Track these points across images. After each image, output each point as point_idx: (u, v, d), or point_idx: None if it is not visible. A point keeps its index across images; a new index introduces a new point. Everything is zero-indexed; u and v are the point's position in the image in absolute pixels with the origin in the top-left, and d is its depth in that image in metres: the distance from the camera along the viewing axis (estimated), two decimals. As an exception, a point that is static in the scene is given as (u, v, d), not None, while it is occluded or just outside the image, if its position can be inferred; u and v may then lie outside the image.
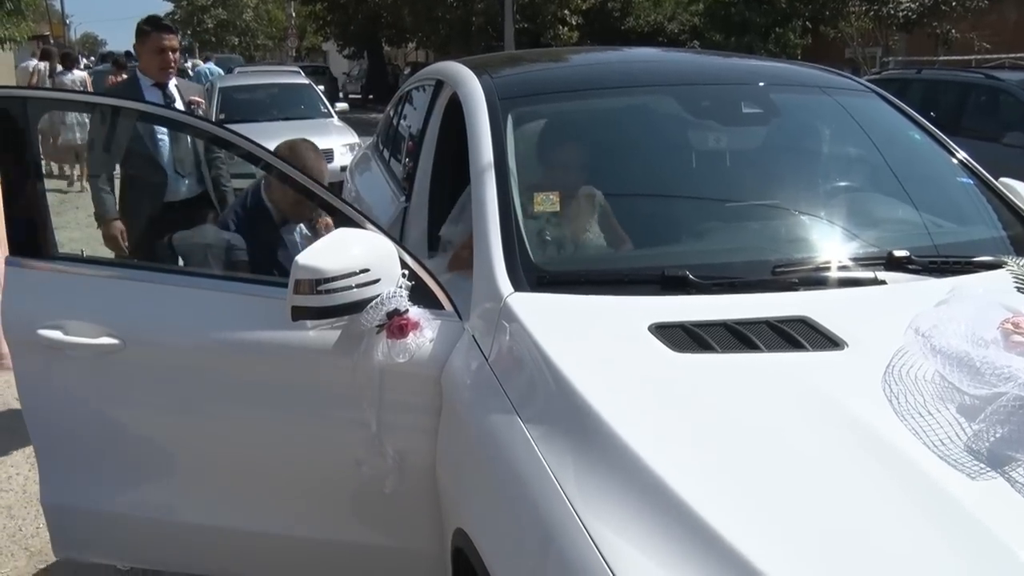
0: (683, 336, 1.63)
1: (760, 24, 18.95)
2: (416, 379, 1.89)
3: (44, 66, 12.15)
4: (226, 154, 3.73)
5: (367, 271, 1.85)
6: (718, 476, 1.30)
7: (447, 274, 2.24)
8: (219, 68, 18.64)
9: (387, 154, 4.04)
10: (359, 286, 1.84)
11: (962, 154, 2.49)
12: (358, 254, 1.86)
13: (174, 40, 3.83)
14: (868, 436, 1.35)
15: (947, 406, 1.40)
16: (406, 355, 1.86)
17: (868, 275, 1.92)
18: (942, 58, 15.47)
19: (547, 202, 2.14)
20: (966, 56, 15.18)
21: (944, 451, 1.31)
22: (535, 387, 1.61)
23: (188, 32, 46.52)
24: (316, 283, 1.81)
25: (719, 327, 1.65)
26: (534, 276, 1.89)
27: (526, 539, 1.40)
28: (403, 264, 1.93)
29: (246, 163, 2.18)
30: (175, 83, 3.88)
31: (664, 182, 2.40)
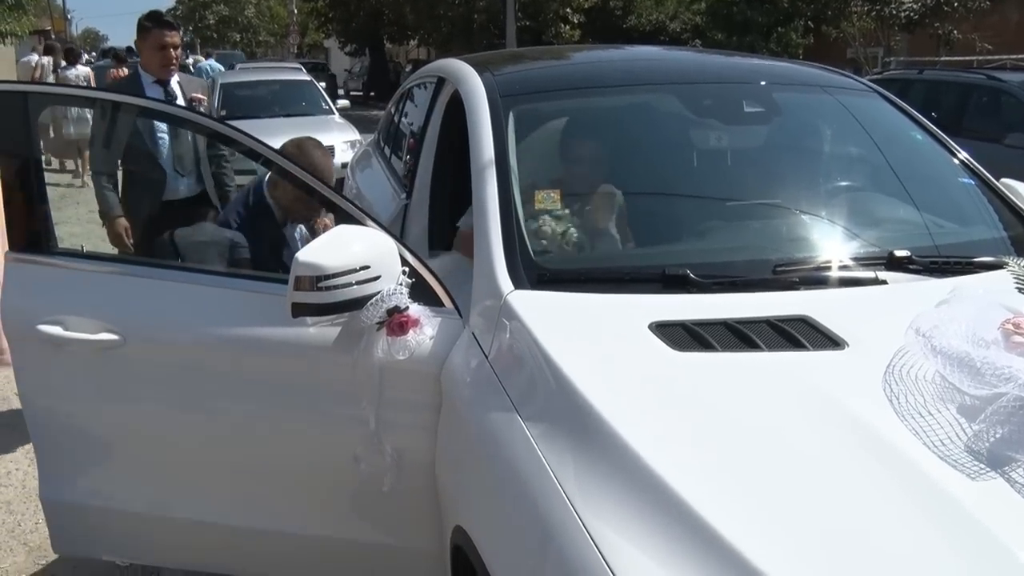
0: (684, 335, 1.63)
1: (762, 23, 18.96)
2: (416, 376, 1.89)
3: (47, 61, 12.13)
4: (229, 152, 3.73)
5: (367, 268, 1.85)
6: (718, 475, 1.30)
7: (455, 254, 2.23)
8: (220, 64, 18.62)
9: (388, 151, 4.03)
10: (359, 283, 1.84)
11: (963, 154, 2.48)
12: (358, 251, 1.85)
13: (176, 37, 3.80)
14: (868, 436, 1.35)
15: (947, 406, 1.40)
16: (406, 352, 1.86)
17: (869, 275, 1.92)
18: (944, 59, 15.46)
19: (548, 200, 2.14)
20: (968, 57, 15.18)
21: (944, 451, 1.31)
22: (535, 385, 1.60)
23: (190, 28, 46.51)
24: (316, 280, 1.81)
25: (720, 326, 1.65)
26: (534, 274, 1.89)
27: (525, 537, 1.40)
28: (403, 261, 1.93)
29: (249, 160, 2.18)
30: (177, 79, 3.87)
31: (665, 180, 2.39)
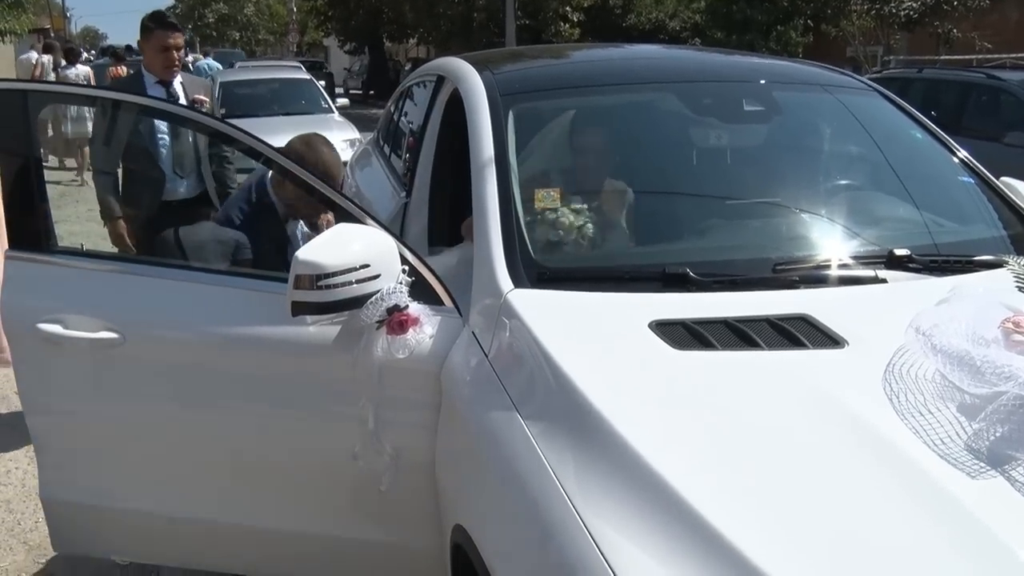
0: (683, 333, 1.63)
1: (762, 22, 18.97)
2: (416, 375, 1.89)
3: (47, 59, 12.12)
4: (231, 151, 3.72)
5: (367, 267, 1.85)
6: (718, 474, 1.30)
7: (462, 246, 2.23)
8: (218, 63, 18.60)
9: (388, 150, 4.03)
10: (359, 282, 1.84)
11: (963, 153, 2.48)
12: (358, 250, 1.85)
13: (179, 38, 3.79)
14: (868, 434, 1.35)
15: (947, 405, 1.40)
16: (406, 351, 1.86)
17: (869, 273, 1.92)
18: (943, 57, 15.46)
19: (548, 198, 2.14)
20: (967, 55, 15.17)
21: (944, 450, 1.31)
22: (535, 384, 1.60)
23: (189, 27, 46.41)
24: (316, 278, 1.81)
25: (720, 324, 1.65)
26: (534, 272, 1.89)
27: (525, 536, 1.40)
28: (403, 260, 1.93)
29: (252, 159, 2.17)
30: (180, 80, 3.86)
31: (665, 179, 2.39)
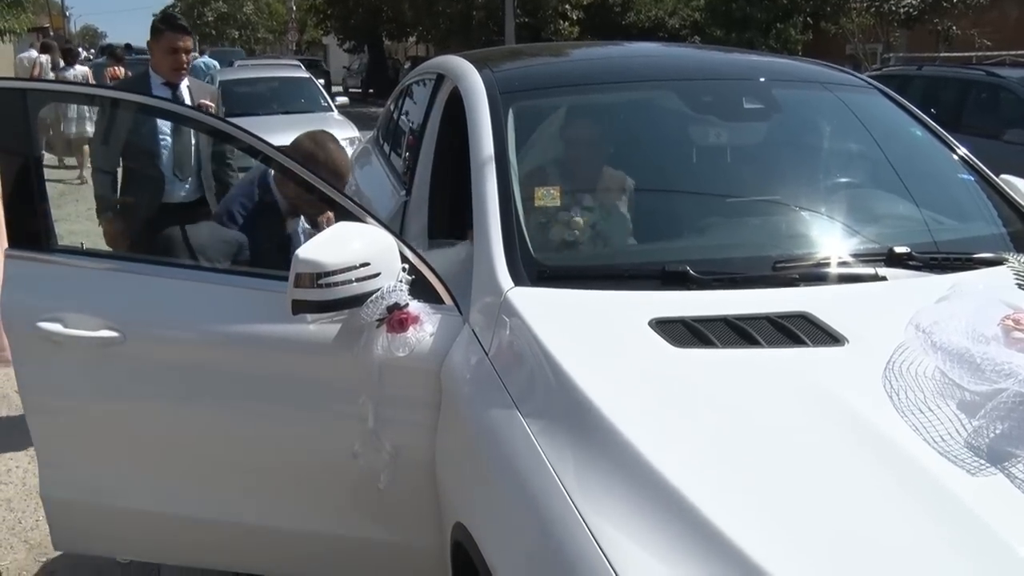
0: (683, 331, 1.63)
1: (761, 20, 18.95)
2: (416, 373, 1.89)
3: (46, 59, 12.11)
4: (233, 152, 3.71)
5: (367, 265, 1.85)
6: (718, 471, 1.30)
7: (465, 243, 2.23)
8: (215, 61, 18.56)
9: (387, 148, 4.03)
10: (359, 280, 1.84)
11: (963, 150, 2.48)
12: (358, 248, 1.86)
13: (188, 41, 3.79)
14: (868, 432, 1.35)
15: (947, 402, 1.40)
16: (406, 349, 1.86)
17: (869, 271, 1.92)
18: (943, 55, 15.45)
19: (548, 196, 2.14)
20: (967, 53, 15.16)
21: (944, 447, 1.31)
22: (535, 382, 1.61)
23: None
24: (316, 277, 1.81)
25: (719, 322, 1.65)
26: (534, 270, 1.89)
27: (526, 534, 1.40)
28: (403, 258, 1.93)
29: (253, 158, 2.16)
30: (187, 83, 3.85)
31: (665, 177, 2.40)
